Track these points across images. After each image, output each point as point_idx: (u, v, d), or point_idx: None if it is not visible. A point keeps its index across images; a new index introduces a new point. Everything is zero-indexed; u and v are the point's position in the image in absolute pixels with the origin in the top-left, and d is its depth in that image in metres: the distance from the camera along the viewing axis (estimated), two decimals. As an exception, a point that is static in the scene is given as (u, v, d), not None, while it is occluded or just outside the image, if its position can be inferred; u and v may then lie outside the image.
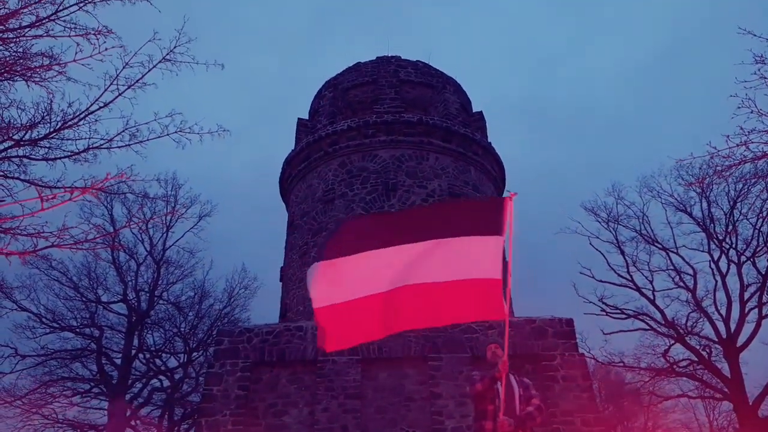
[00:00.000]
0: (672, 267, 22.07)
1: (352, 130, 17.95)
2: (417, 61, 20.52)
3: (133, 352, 22.84)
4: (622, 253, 22.74)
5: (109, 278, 23.62)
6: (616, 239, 22.93)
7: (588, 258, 23.43)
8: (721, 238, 21.24)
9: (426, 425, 12.52)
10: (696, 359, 21.27)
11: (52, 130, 8.73)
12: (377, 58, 20.36)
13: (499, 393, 5.14)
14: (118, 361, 22.40)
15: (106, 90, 8.63)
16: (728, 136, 8.64)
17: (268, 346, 13.53)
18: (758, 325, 20.14)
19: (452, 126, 18.22)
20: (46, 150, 8.97)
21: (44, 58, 8.50)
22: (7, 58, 8.42)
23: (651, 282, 22.27)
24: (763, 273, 20.41)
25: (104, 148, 8.90)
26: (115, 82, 8.62)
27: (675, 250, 22.00)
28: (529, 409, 5.17)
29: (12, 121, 8.69)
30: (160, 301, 24.29)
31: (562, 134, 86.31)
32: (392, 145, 17.67)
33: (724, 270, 21.13)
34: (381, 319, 4.90)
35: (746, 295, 20.55)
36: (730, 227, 21.00)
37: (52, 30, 8.38)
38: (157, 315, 24.46)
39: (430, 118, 18.13)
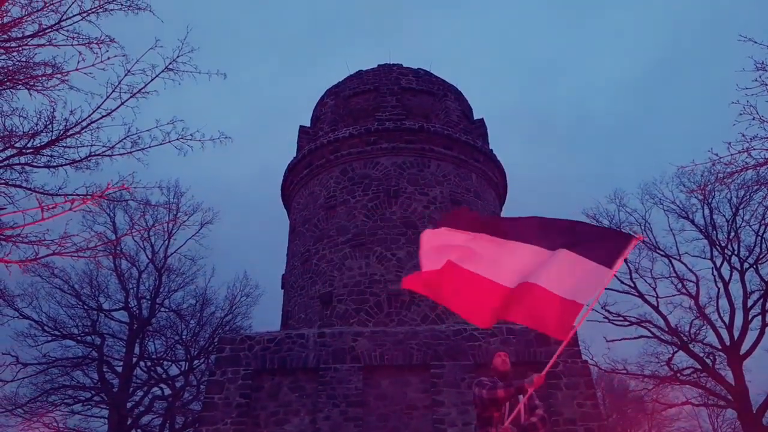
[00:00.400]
0: (675, 274, 22.02)
1: (353, 137, 17.99)
2: (418, 68, 20.57)
3: (135, 360, 22.79)
4: (625, 260, 22.64)
5: (111, 286, 23.63)
6: (618, 246, 22.83)
7: (590, 265, 23.27)
8: (723, 245, 21.17)
9: (428, 434, 12.44)
10: (700, 367, 21.16)
11: (54, 138, 8.74)
12: (379, 65, 20.43)
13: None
14: (119, 369, 22.35)
15: (107, 97, 8.66)
16: (730, 143, 8.66)
17: (270, 353, 13.48)
18: (762, 332, 20.06)
19: (453, 133, 18.24)
20: (48, 158, 8.99)
21: (47, 67, 8.54)
22: (10, 67, 8.45)
23: (654, 289, 22.22)
24: (767, 280, 20.33)
25: (106, 155, 8.92)
26: (117, 90, 8.65)
27: (677, 257, 21.95)
28: (532, 419, 5.15)
29: (14, 129, 8.71)
30: (162, 309, 24.25)
31: (563, 140, 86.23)
32: (394, 152, 17.69)
33: (726, 277, 21.05)
34: (476, 298, 5.29)
35: (749, 303, 20.48)
36: (733, 234, 20.95)
37: (55, 39, 8.43)
38: (158, 323, 24.43)
39: (431, 126, 18.15)
